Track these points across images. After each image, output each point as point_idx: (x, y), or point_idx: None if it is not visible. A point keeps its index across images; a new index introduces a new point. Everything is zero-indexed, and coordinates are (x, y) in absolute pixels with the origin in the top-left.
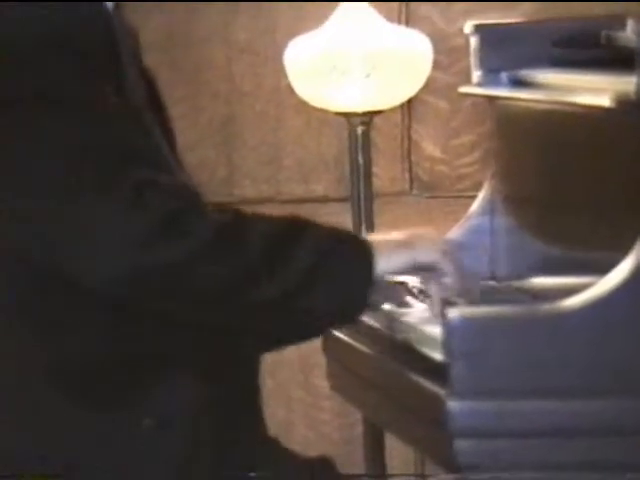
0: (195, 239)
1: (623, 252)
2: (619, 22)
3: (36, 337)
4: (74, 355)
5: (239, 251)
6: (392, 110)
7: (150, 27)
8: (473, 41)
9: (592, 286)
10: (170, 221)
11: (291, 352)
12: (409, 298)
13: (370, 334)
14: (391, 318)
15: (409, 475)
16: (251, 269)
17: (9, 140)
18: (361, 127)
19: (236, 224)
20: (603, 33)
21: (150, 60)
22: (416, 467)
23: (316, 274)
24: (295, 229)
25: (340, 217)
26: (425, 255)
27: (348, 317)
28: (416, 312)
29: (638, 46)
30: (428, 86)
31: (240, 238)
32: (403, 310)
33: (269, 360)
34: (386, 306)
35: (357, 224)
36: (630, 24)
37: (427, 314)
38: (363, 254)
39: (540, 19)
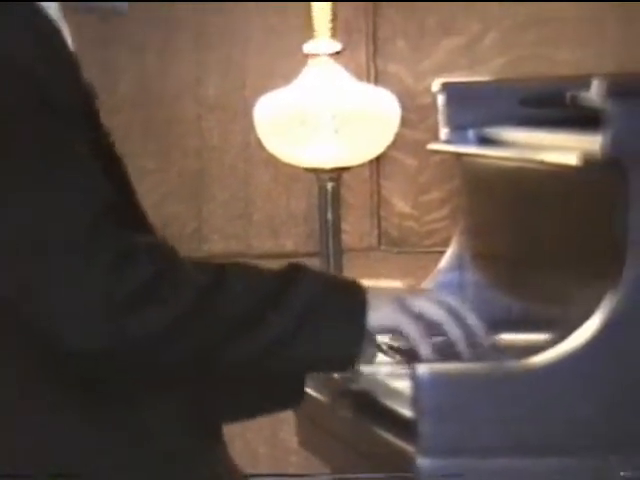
0: (170, 308)
1: (591, 308)
2: (584, 83)
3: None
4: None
5: (218, 314)
6: (361, 166)
7: (121, 83)
8: (441, 99)
9: (560, 343)
10: (149, 288)
11: None
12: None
13: (338, 389)
14: (359, 373)
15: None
16: (231, 333)
17: None
18: (330, 183)
19: (217, 284)
20: (568, 93)
21: (122, 116)
22: None
23: (301, 331)
24: (284, 282)
25: None
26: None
27: (337, 369)
28: (384, 367)
29: (602, 106)
30: (396, 143)
31: (219, 300)
32: (369, 365)
33: None
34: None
35: None
36: (594, 85)
37: (394, 368)
38: (354, 307)
39: (507, 78)
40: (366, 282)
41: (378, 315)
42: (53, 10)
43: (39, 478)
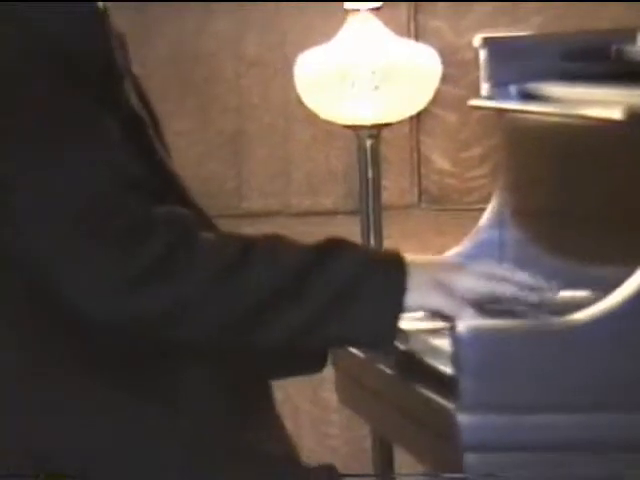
0: (190, 281)
1: (633, 265)
2: (629, 36)
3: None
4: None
5: (242, 292)
6: (401, 123)
7: (159, 41)
8: (482, 54)
9: (602, 300)
10: (164, 262)
11: None
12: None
13: None
14: (400, 330)
15: (417, 475)
16: (255, 310)
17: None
18: (370, 140)
19: (243, 260)
20: (613, 47)
21: (159, 74)
22: None
23: (334, 309)
24: (320, 258)
25: (349, 230)
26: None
27: (372, 348)
28: (426, 324)
29: None
30: (437, 99)
31: (244, 276)
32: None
33: None
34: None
35: (366, 237)
36: None
37: (435, 326)
38: (393, 287)
39: (549, 33)
40: (408, 243)
41: (419, 296)
42: None
43: (39, 478)
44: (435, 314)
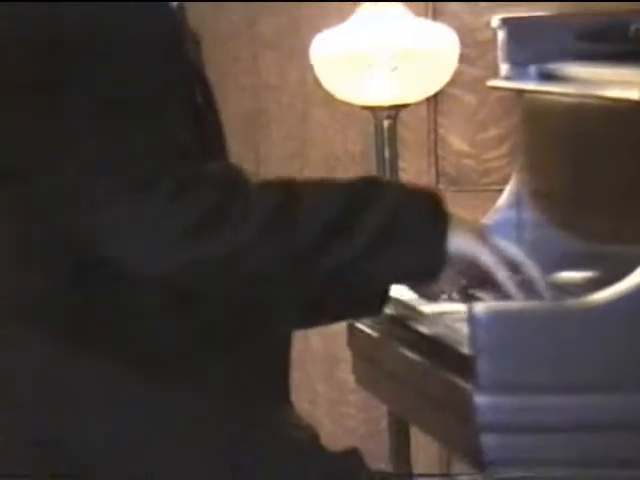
0: (241, 231)
1: None
2: None
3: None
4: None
5: (291, 235)
6: (418, 104)
7: None
8: (500, 35)
9: (619, 281)
10: (214, 214)
11: (316, 346)
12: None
13: (396, 327)
14: (417, 311)
15: (437, 475)
16: (306, 250)
17: (58, 131)
18: (387, 121)
19: (287, 202)
20: (632, 26)
21: None
22: (441, 461)
23: (382, 243)
24: (361, 193)
25: None
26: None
27: (425, 277)
28: (442, 305)
29: None
30: (455, 80)
31: (292, 218)
32: (429, 302)
33: (294, 354)
34: (413, 298)
35: None
36: None
37: (453, 307)
38: (438, 221)
39: (568, 13)
40: None
41: (458, 240)
42: None
43: (39, 478)
44: (465, 286)
